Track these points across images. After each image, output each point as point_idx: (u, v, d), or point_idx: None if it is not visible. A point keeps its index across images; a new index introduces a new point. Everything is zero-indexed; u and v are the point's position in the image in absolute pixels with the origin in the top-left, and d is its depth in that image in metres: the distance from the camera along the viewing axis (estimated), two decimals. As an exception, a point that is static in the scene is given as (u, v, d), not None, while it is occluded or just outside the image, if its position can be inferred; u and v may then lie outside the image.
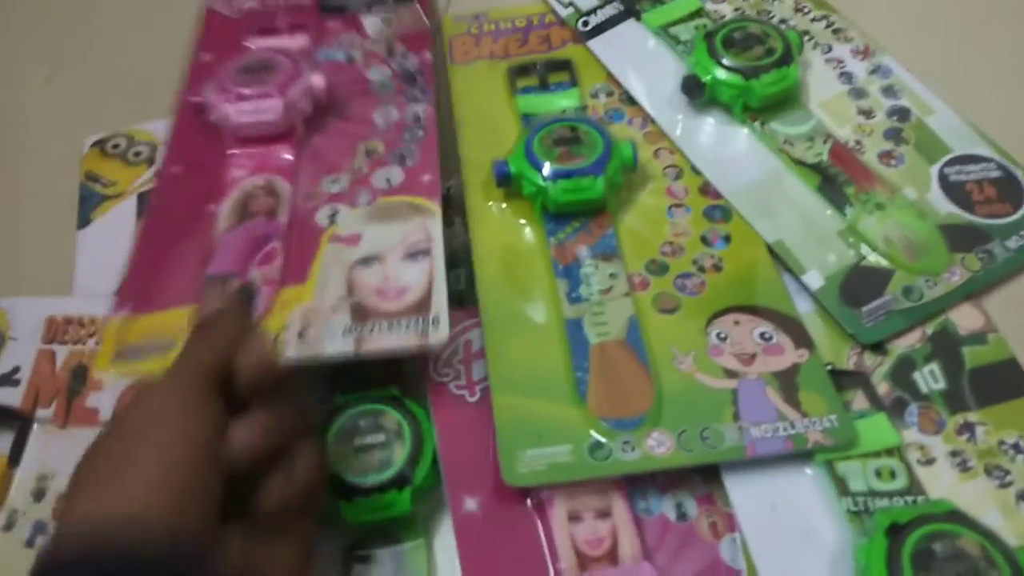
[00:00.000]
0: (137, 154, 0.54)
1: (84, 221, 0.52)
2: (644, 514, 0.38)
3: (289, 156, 0.48)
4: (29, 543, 0.39)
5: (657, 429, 0.39)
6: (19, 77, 0.61)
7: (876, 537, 0.34)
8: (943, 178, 0.47)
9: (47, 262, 0.50)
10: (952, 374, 0.41)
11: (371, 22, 0.54)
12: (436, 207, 0.44)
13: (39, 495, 0.40)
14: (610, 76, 0.53)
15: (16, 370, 0.44)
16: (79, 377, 0.42)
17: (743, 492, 0.38)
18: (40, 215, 0.53)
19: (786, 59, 0.48)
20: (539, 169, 0.45)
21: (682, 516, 0.39)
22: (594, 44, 0.54)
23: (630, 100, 0.52)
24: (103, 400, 0.42)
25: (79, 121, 0.57)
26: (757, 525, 0.37)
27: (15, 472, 0.41)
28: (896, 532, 0.33)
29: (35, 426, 0.42)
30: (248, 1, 0.57)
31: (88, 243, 0.51)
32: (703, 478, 0.39)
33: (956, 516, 0.34)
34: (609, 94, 0.52)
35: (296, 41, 0.54)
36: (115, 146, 0.55)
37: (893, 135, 0.49)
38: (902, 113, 0.50)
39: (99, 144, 0.55)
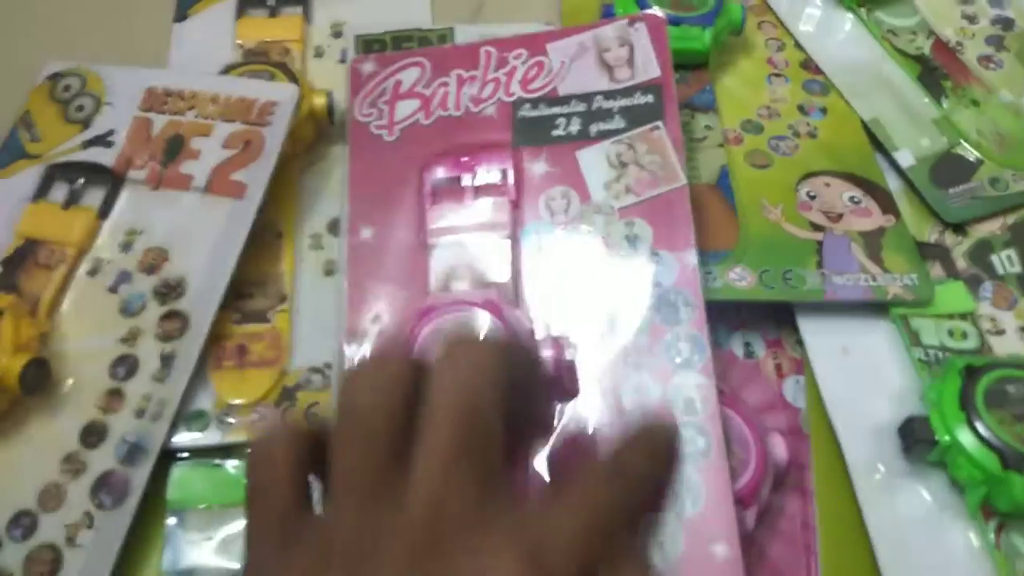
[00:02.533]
0: (237, -40, 0.54)
1: (181, 16, 0.52)
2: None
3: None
4: (112, 289, 0.40)
5: (740, 265, 0.39)
6: None
7: (950, 376, 0.35)
8: (1040, 86, 0.47)
9: (144, 47, 0.50)
10: (1029, 261, 0.42)
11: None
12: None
13: (126, 247, 0.41)
14: (720, -51, 0.53)
15: (111, 132, 0.44)
16: (175, 145, 0.43)
17: (816, 333, 0.39)
18: (139, 5, 0.53)
19: (901, -50, 0.49)
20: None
21: (750, 355, 0.40)
22: (708, -83, 0.54)
23: (739, -27, 0.52)
24: (197, 167, 0.42)
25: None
26: (827, 365, 0.38)
27: (103, 224, 0.41)
28: (970, 374, 0.34)
29: (127, 185, 0.42)
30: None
31: (184, 35, 0.51)
32: (774, 323, 0.40)
33: (1030, 367, 0.35)
34: (718, -35, 0.52)
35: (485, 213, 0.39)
36: (215, -49, 0.55)
37: (995, 41, 0.49)
38: (1006, 23, 0.50)
39: (199, -53, 0.55)
